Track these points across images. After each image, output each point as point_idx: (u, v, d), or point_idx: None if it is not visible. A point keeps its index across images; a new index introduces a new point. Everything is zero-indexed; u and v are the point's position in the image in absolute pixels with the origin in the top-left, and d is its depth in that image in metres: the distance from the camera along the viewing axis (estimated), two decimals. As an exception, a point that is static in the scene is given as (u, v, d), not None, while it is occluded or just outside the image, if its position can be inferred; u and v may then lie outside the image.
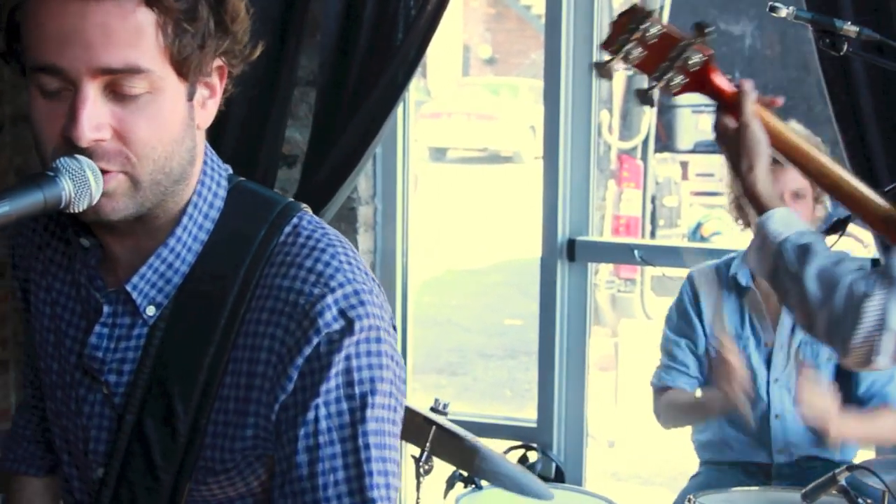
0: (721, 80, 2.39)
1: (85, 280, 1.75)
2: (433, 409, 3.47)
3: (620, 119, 7.18)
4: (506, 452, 4.01)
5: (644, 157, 7.20)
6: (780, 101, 2.43)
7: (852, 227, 2.62)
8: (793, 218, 2.41)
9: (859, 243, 4.94)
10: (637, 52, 2.38)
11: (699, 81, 2.38)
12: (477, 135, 18.19)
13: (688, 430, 3.97)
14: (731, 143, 2.39)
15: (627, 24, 2.39)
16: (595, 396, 4.62)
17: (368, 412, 1.66)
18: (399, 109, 4.23)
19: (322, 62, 3.93)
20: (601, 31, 4.36)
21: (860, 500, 3.01)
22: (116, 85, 1.55)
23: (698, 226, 8.02)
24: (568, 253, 4.29)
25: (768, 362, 3.73)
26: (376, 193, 4.39)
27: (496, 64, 21.79)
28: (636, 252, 4.43)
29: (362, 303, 1.65)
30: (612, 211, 7.18)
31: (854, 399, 3.66)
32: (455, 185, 16.06)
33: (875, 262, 3.78)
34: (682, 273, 3.93)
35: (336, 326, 1.62)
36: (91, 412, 1.75)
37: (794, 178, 3.66)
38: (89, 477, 1.78)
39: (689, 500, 3.41)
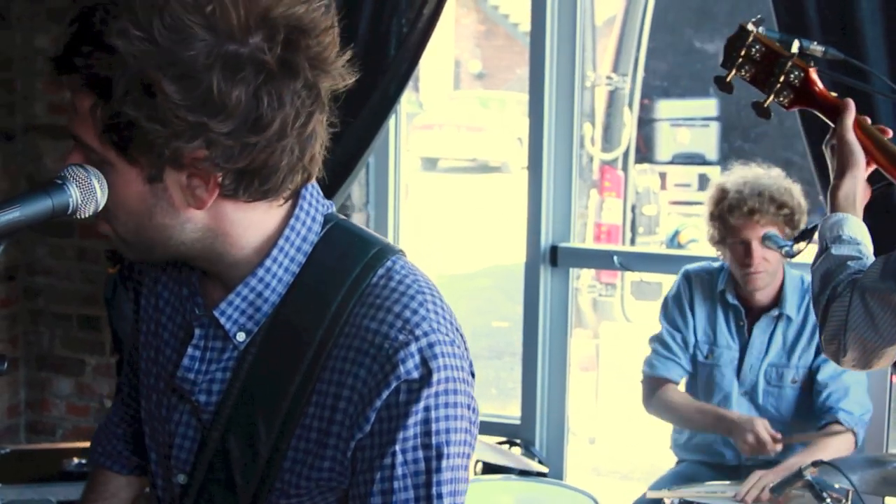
0: (823, 94, 2.46)
1: (188, 293, 1.74)
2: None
3: (602, 132, 7.18)
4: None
5: (625, 168, 7.21)
6: (890, 132, 2.46)
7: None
8: (846, 225, 2.37)
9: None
10: (747, 68, 2.48)
11: (804, 95, 2.46)
12: (467, 146, 18.15)
13: (666, 430, 4.00)
14: (831, 151, 2.44)
15: (735, 44, 2.50)
16: (577, 395, 4.62)
17: (444, 462, 1.63)
18: (391, 121, 4.25)
19: (318, 76, 3.93)
20: (583, 48, 4.38)
21: (825, 495, 3.03)
22: (83, 151, 1.58)
23: (676, 233, 8.03)
24: (551, 259, 4.31)
25: (738, 374, 3.77)
26: (369, 201, 4.40)
27: (485, 78, 21.77)
28: (615, 258, 4.45)
29: (443, 354, 1.62)
30: (594, 219, 7.19)
31: (814, 409, 3.71)
32: (446, 193, 16.05)
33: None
34: (660, 278, 3.95)
35: (416, 374, 1.59)
36: (179, 420, 1.75)
37: (762, 227, 3.65)
38: (171, 480, 1.78)
39: (667, 490, 3.45)
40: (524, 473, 3.86)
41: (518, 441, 4.35)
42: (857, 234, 2.34)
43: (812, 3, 3.41)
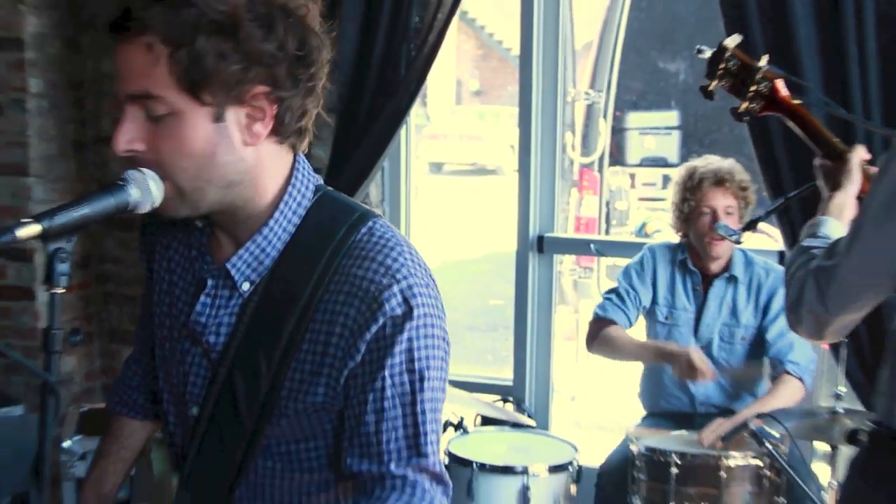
0: (787, 101, 2.44)
1: (196, 254, 1.77)
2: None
3: (581, 139, 7.16)
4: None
5: (600, 170, 7.19)
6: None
7: (764, 226, 2.64)
8: (825, 226, 2.31)
9: (771, 238, 4.95)
10: (726, 79, 2.47)
11: (772, 102, 2.44)
12: (467, 152, 18.10)
13: (635, 385, 4.00)
14: (822, 170, 2.42)
15: (716, 58, 2.48)
16: (560, 360, 4.61)
17: (426, 383, 1.67)
18: (402, 131, 4.25)
19: (340, 94, 3.94)
20: (564, 68, 4.38)
21: (765, 441, 3.04)
22: (146, 108, 1.57)
23: (643, 225, 8.02)
24: (538, 246, 4.31)
25: (696, 332, 3.77)
26: (385, 199, 4.40)
27: (482, 95, 21.70)
28: (592, 246, 4.47)
29: (421, 294, 1.65)
30: (574, 213, 7.17)
31: (767, 363, 3.72)
32: (449, 193, 16.02)
33: (781, 254, 3.83)
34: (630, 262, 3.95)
35: (399, 311, 1.62)
36: (192, 361, 1.77)
37: (724, 199, 3.69)
38: (185, 413, 1.80)
39: (632, 441, 3.45)
40: (516, 426, 3.88)
41: (510, 399, 4.36)
42: (832, 233, 2.29)
43: (758, 28, 3.40)
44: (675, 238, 3.90)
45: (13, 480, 3.28)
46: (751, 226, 2.96)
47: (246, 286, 1.71)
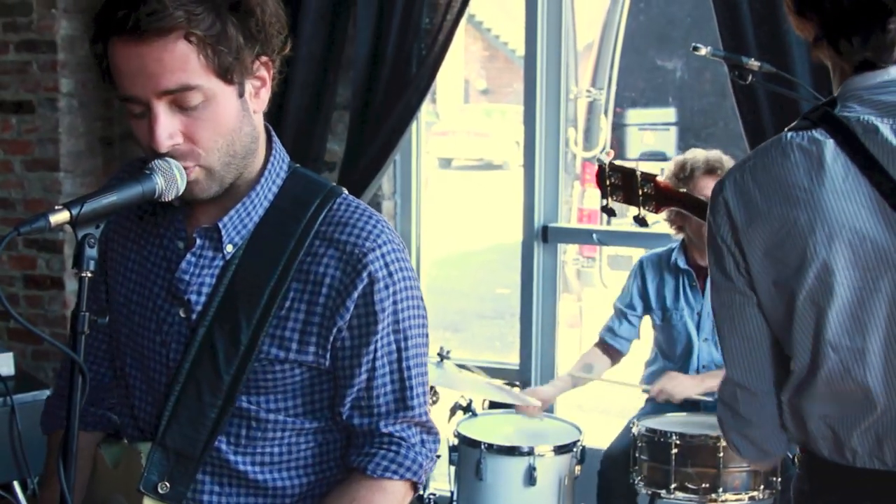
0: (670, 189, 2.40)
1: (170, 233, 1.78)
2: (439, 355, 3.50)
3: (584, 134, 7.14)
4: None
5: (601, 164, 7.16)
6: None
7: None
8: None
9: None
10: (617, 193, 2.43)
11: (661, 197, 2.38)
12: (475, 148, 18.12)
13: (637, 371, 4.00)
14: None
15: (600, 177, 2.47)
16: (564, 347, 4.60)
17: (410, 342, 1.75)
18: (413, 128, 4.25)
19: (354, 91, 3.94)
20: (567, 67, 4.37)
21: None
22: (178, 101, 1.58)
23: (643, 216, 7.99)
24: (543, 236, 4.30)
25: (698, 326, 3.75)
26: (396, 191, 4.40)
27: (489, 94, 21.68)
28: (595, 235, 4.47)
29: (399, 259, 1.71)
30: (577, 204, 7.15)
31: None
32: (458, 187, 16.02)
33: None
34: (630, 252, 3.95)
35: (382, 273, 1.68)
36: (173, 321, 1.76)
37: None
38: (159, 381, 1.78)
39: (633, 424, 3.45)
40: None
41: (517, 383, 4.35)
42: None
43: (750, 28, 3.40)
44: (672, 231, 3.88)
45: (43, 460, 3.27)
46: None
47: (230, 248, 1.73)
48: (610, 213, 2.45)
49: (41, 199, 4.39)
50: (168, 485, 1.74)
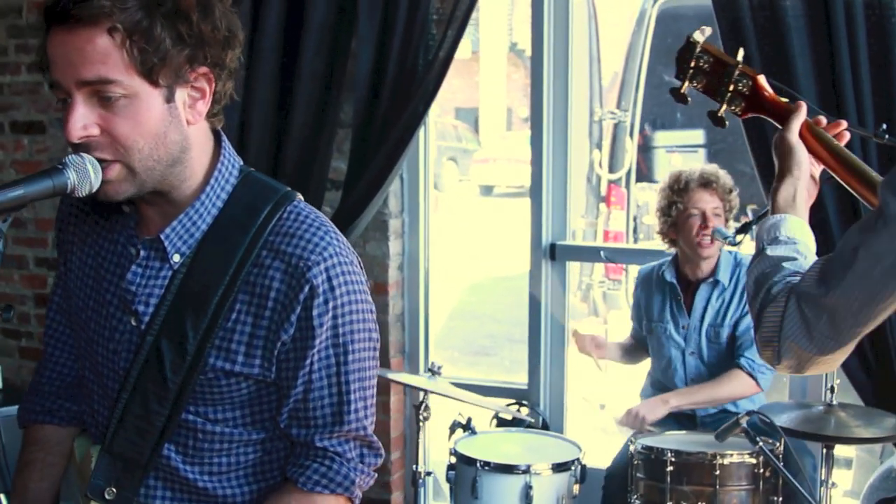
0: (773, 100, 2.00)
1: (123, 239, 1.77)
2: (430, 370, 3.45)
3: (609, 156, 7.08)
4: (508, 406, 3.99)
5: (627, 186, 7.09)
6: (824, 120, 1.98)
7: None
8: (784, 226, 1.87)
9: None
10: (699, 78, 2.05)
11: (755, 103, 2.00)
12: (517, 175, 18.14)
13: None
14: (775, 151, 1.96)
15: (685, 55, 2.06)
16: (589, 369, 4.52)
17: (350, 356, 1.72)
18: (420, 147, 4.22)
19: (356, 108, 3.91)
20: (591, 90, 4.32)
21: (758, 439, 2.94)
22: (98, 92, 1.56)
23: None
24: (550, 254, 4.22)
25: (685, 339, 3.69)
26: (404, 209, 4.35)
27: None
28: (602, 252, 4.44)
29: (344, 272, 1.69)
30: (602, 227, 7.09)
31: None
32: (498, 213, 16.00)
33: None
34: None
35: (323, 288, 1.66)
36: (123, 330, 1.76)
37: (711, 200, 3.61)
38: (111, 387, 1.78)
39: (631, 442, 3.37)
40: (530, 427, 3.85)
41: (525, 402, 4.28)
42: (795, 233, 1.86)
43: (753, 41, 3.35)
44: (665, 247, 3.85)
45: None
46: (746, 228, 2.87)
47: (176, 258, 1.72)
48: (681, 99, 2.09)
49: (51, 218, 4.36)
50: (115, 490, 1.76)
